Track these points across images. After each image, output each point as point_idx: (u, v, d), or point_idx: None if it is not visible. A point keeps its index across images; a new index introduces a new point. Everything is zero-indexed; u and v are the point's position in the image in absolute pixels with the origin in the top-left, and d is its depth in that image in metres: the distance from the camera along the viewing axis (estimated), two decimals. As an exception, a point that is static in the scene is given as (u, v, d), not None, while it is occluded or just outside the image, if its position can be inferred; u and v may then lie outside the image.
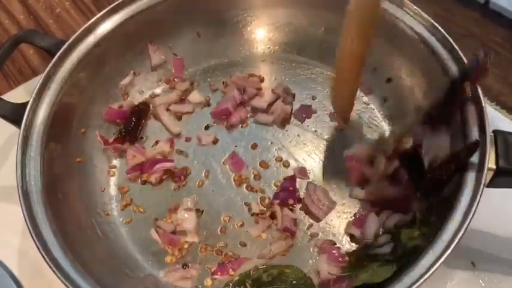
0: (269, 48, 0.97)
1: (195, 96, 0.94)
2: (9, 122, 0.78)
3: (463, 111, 0.72)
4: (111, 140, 0.88)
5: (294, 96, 0.92)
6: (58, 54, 0.81)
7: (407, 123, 0.84)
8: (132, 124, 0.89)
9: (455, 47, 0.76)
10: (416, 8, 0.81)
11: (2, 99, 0.80)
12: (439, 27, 0.78)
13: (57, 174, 0.78)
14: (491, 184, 0.68)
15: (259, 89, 0.93)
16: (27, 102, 0.78)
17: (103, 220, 0.82)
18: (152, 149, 0.88)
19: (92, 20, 0.85)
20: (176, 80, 0.95)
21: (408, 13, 0.82)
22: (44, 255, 0.67)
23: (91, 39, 0.84)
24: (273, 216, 0.80)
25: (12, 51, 0.84)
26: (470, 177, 0.67)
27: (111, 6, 0.86)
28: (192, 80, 0.96)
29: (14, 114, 0.78)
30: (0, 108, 0.78)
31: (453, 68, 0.76)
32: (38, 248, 0.67)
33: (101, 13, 0.85)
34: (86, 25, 0.84)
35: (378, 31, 0.70)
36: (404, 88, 0.87)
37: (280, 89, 0.92)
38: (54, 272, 0.65)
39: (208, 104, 0.93)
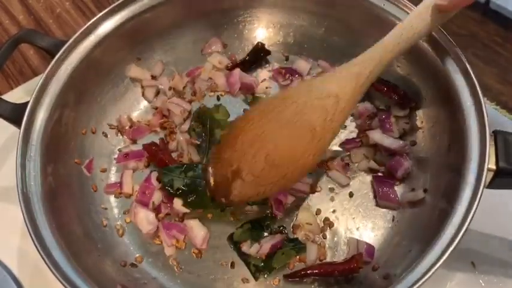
0: (269, 48, 0.97)
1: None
2: (9, 122, 0.78)
3: (463, 112, 0.72)
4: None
5: None
6: (58, 54, 0.81)
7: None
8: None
9: (456, 47, 0.76)
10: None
11: (2, 99, 0.80)
12: (440, 28, 0.78)
13: (57, 174, 0.78)
14: (492, 185, 0.68)
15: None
16: (27, 102, 0.77)
17: (102, 220, 0.82)
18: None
19: (92, 20, 0.84)
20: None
21: (408, 13, 0.81)
22: (43, 255, 0.67)
23: (91, 40, 0.84)
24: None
25: (12, 51, 0.84)
26: (470, 178, 0.67)
27: (112, 6, 0.86)
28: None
29: (14, 114, 0.77)
30: (0, 108, 0.78)
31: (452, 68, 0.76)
32: (37, 249, 0.67)
33: (101, 13, 0.85)
34: (86, 25, 0.84)
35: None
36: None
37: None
38: (53, 272, 0.65)
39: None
